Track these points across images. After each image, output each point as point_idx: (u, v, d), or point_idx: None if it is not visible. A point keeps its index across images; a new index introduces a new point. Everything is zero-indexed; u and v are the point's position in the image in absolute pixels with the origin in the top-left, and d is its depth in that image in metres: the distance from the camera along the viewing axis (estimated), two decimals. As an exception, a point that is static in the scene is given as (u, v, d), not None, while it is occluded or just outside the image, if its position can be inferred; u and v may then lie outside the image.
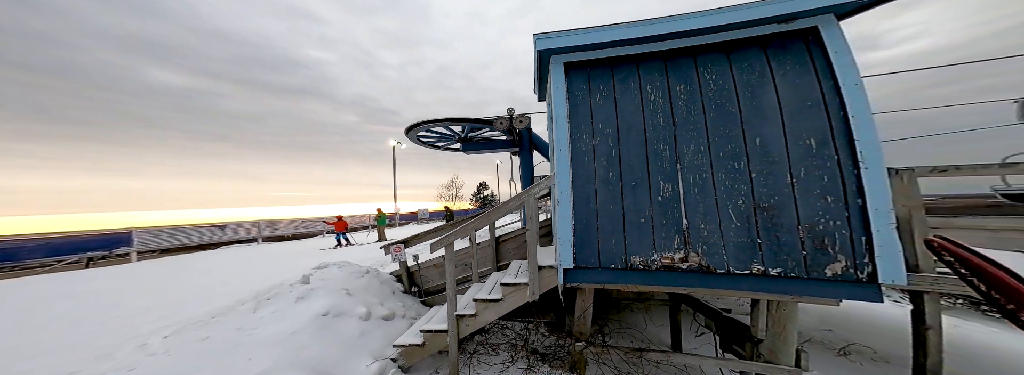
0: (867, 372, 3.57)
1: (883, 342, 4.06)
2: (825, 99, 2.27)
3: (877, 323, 4.68)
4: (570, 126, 2.85)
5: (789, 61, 2.41)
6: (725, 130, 2.45)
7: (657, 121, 2.64)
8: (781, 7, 2.30)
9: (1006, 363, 3.63)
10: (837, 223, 2.05)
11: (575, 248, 2.62)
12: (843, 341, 4.21)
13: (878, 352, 3.93)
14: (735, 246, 2.28)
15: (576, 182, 2.75)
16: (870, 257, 1.96)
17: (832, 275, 2.02)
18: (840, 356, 3.88)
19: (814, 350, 3.95)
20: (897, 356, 3.58)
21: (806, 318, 4.93)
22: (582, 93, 2.88)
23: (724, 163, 2.41)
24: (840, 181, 2.11)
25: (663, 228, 2.47)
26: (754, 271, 2.22)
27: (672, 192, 2.52)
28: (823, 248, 2.05)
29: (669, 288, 2.45)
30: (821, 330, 4.59)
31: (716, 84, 2.54)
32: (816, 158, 2.21)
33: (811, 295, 2.08)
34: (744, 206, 2.31)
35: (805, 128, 2.28)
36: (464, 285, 4.14)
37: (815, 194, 2.15)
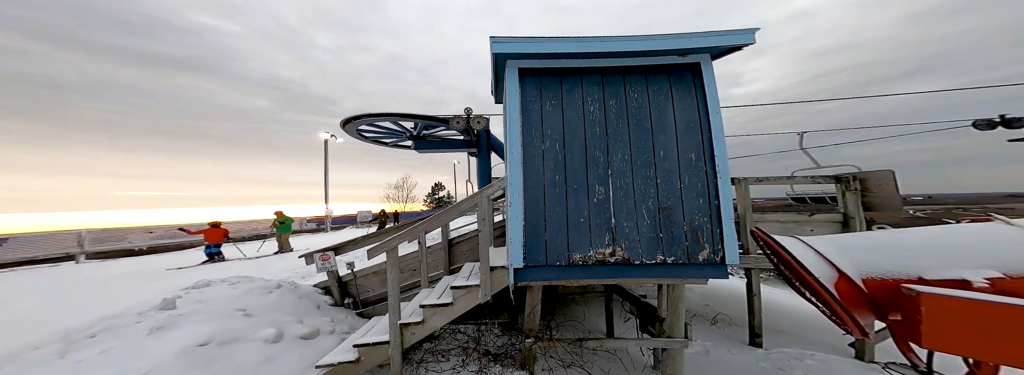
0: (728, 334, 4.68)
1: (736, 310, 5.18)
2: (701, 121, 2.91)
3: (733, 296, 5.96)
4: (523, 130, 2.97)
5: (683, 88, 3.01)
6: (642, 142, 2.92)
7: (595, 130, 2.96)
8: (680, 42, 2.84)
9: (793, 316, 5.14)
10: (705, 219, 2.73)
11: (525, 248, 2.77)
12: (714, 312, 5.34)
13: (733, 318, 5.08)
14: (647, 240, 2.78)
15: (527, 184, 2.89)
16: (722, 245, 2.69)
17: (702, 260, 2.70)
18: (712, 325, 4.99)
19: (696, 322, 4.89)
20: (743, 320, 4.64)
21: (692, 296, 6.14)
22: (534, 99, 3.02)
23: (641, 170, 2.88)
24: (706, 187, 2.79)
25: (597, 227, 2.82)
26: (659, 260, 2.76)
27: (605, 195, 2.88)
28: (697, 240, 2.69)
29: (602, 280, 2.87)
30: (702, 306, 5.77)
31: (637, 102, 2.99)
32: (695, 168, 2.84)
33: (692, 277, 2.76)
34: (653, 207, 2.82)
35: (689, 144, 2.89)
36: (412, 292, 3.98)
37: (693, 197, 2.80)
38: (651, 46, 2.79)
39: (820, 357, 3.95)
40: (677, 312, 3.07)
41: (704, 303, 5.78)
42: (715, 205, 2.71)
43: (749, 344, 4.34)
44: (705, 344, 4.25)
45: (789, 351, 4.11)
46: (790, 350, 4.13)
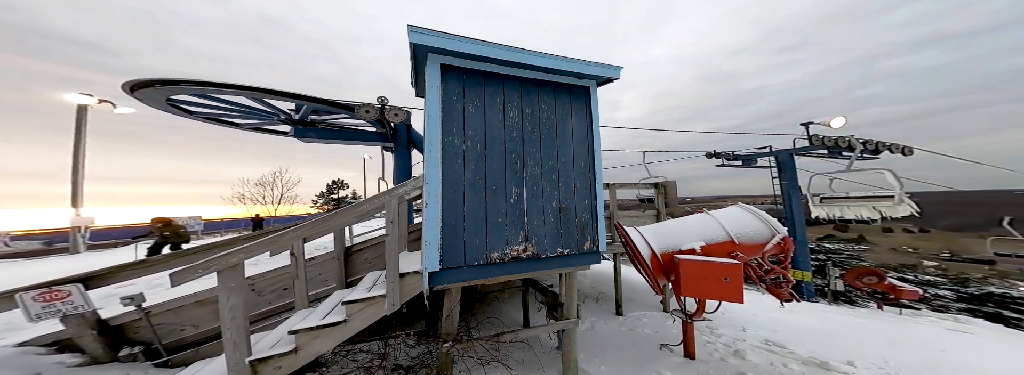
0: (604, 308, 5.63)
1: (610, 288, 6.21)
2: (589, 136, 3.57)
3: (609, 277, 6.70)
4: (443, 128, 2.88)
5: (579, 106, 3.50)
6: (550, 150, 3.27)
7: (513, 135, 3.12)
8: (577, 67, 3.31)
9: (638, 287, 6.66)
10: (589, 217, 3.48)
11: (442, 250, 2.76)
12: (598, 292, 6.25)
13: (608, 295, 6.08)
14: (551, 236, 3.21)
15: (446, 185, 2.84)
16: (597, 236, 3.50)
17: (586, 250, 3.45)
18: (596, 303, 5.86)
19: (587, 303, 5.62)
20: (614, 295, 5.74)
21: (585, 281, 6.95)
22: (457, 98, 2.96)
23: (548, 175, 3.24)
24: (590, 190, 3.51)
25: (513, 226, 3.03)
26: (559, 253, 3.26)
27: (520, 196, 3.09)
28: (583, 233, 3.44)
29: (518, 275, 3.13)
30: (591, 288, 6.59)
31: (548, 113, 3.31)
32: (583, 174, 3.48)
33: (581, 264, 3.49)
34: (556, 206, 3.26)
35: (581, 154, 3.48)
36: (285, 315, 3.20)
37: (582, 198, 3.47)
38: (560, 65, 3.21)
39: (649, 314, 5.39)
40: (571, 297, 3.75)
41: (592, 286, 6.56)
42: (594, 205, 3.50)
43: (616, 314, 5.46)
44: (591, 320, 4.87)
45: (636, 314, 5.39)
46: (637, 313, 5.42)
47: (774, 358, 4.01)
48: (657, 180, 5.98)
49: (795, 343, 4.46)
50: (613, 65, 3.48)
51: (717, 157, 9.94)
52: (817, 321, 5.87)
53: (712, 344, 4.34)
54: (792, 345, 4.39)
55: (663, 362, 3.85)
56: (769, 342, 4.45)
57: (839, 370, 3.76)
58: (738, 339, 4.54)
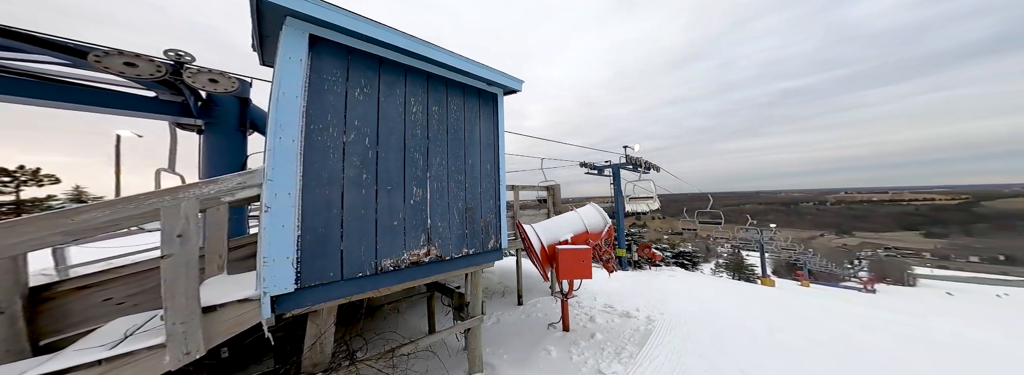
0: (509, 301, 5.56)
1: (515, 282, 6.05)
2: (495, 140, 3.46)
3: (512, 272, 6.54)
4: (309, 113, 2.07)
5: (488, 111, 3.33)
6: (457, 150, 2.95)
7: (416, 132, 2.64)
8: (490, 74, 3.15)
9: (535, 278, 6.73)
10: (493, 216, 3.36)
11: (300, 265, 1.99)
12: (504, 287, 6.10)
13: (511, 288, 5.97)
14: (457, 237, 2.91)
15: (311, 182, 2.07)
16: (500, 234, 3.42)
17: (491, 248, 3.30)
18: (502, 297, 5.69)
19: (495, 298, 5.41)
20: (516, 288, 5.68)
21: (494, 277, 6.62)
22: (336, 80, 2.21)
23: (455, 175, 2.91)
24: (495, 191, 3.40)
25: (413, 229, 2.56)
26: (464, 253, 3.00)
27: (422, 197, 2.64)
28: (488, 233, 3.30)
29: (419, 280, 2.68)
30: (498, 284, 6.36)
31: (456, 114, 2.97)
32: (490, 177, 3.34)
33: (487, 262, 3.30)
34: (462, 207, 2.98)
35: (488, 157, 3.34)
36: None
37: (488, 199, 3.32)
38: (472, 69, 2.94)
39: (542, 300, 5.72)
40: (477, 295, 3.42)
41: (499, 282, 6.36)
42: (499, 205, 3.39)
43: (518, 304, 5.52)
44: (497, 314, 4.75)
45: (533, 301, 5.58)
46: (533, 300, 5.61)
47: (608, 317, 5.08)
48: (550, 184, 6.59)
49: (616, 302, 5.74)
50: (517, 78, 3.46)
51: (585, 166, 12.14)
52: (620, 285, 7.60)
53: (578, 315, 5.00)
54: (615, 304, 5.69)
55: (549, 339, 4.15)
56: (606, 305, 5.52)
57: (633, 315, 5.07)
58: (592, 307, 5.39)
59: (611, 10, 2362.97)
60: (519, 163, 11.93)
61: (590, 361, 3.76)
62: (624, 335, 4.48)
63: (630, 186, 11.76)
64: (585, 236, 4.60)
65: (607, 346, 4.17)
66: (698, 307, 5.83)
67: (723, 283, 9.91)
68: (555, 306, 5.34)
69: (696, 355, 3.85)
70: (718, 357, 3.86)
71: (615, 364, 3.74)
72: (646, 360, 3.78)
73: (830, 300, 9.32)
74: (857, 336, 5.27)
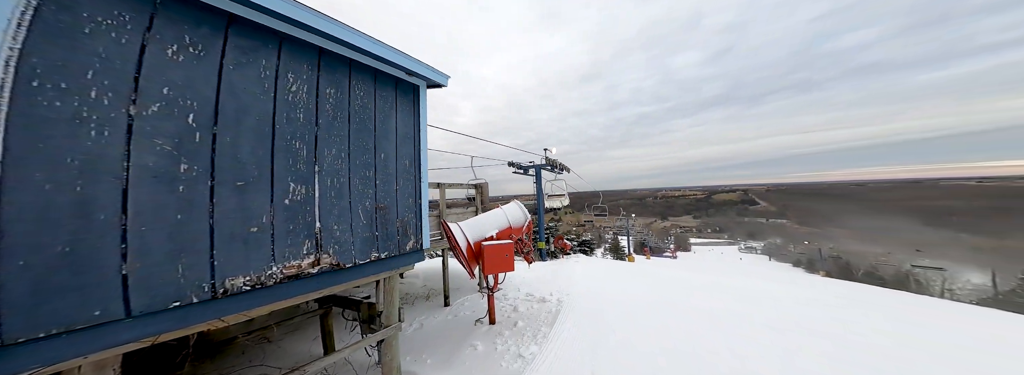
0: (435, 304, 4.85)
1: (441, 284, 5.24)
2: (416, 135, 2.93)
3: (438, 274, 5.75)
4: (27, 57, 1.14)
5: (406, 102, 2.78)
6: (365, 142, 2.32)
7: (297, 116, 1.89)
8: (407, 62, 2.62)
9: (464, 276, 6.02)
10: (413, 216, 2.80)
11: None
12: (428, 291, 5.27)
13: (437, 290, 5.20)
14: (363, 241, 2.27)
15: (28, 175, 1.18)
16: (421, 234, 2.89)
17: (409, 249, 2.73)
18: (426, 301, 4.93)
19: (418, 303, 4.63)
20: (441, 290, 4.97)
21: (417, 282, 5.78)
22: (117, 23, 1.30)
23: (360, 171, 2.28)
24: (416, 189, 2.86)
25: (290, 235, 1.83)
26: (374, 258, 2.36)
27: (307, 195, 1.95)
28: (407, 233, 2.72)
29: (298, 298, 1.95)
30: (422, 288, 5.52)
31: (363, 102, 2.33)
32: (408, 173, 2.79)
33: (404, 265, 2.69)
34: (371, 207, 2.36)
35: (406, 152, 2.77)
36: None
37: (406, 197, 2.74)
38: (382, 53, 2.30)
39: (470, 297, 5.21)
40: (392, 301, 2.69)
41: (424, 285, 5.71)
42: (419, 204, 2.86)
43: (445, 306, 4.92)
44: (421, 319, 4.18)
45: (461, 300, 4.94)
46: (461, 299, 4.98)
47: (528, 304, 5.07)
48: (479, 182, 6.17)
49: (535, 290, 5.79)
50: (442, 72, 3.00)
51: (512, 166, 12.07)
52: (539, 274, 7.71)
53: (503, 307, 4.79)
54: (535, 292, 5.73)
55: (476, 334, 3.81)
56: (528, 294, 5.49)
57: (548, 299, 5.19)
58: (516, 297, 5.27)
59: (538, 23, 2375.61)
60: (448, 160, 11.06)
61: (512, 348, 3.62)
62: (540, 318, 4.54)
63: (548, 185, 12.35)
64: (508, 231, 4.48)
65: (527, 331, 4.13)
66: (592, 285, 6.38)
67: (608, 263, 11.40)
68: (483, 302, 5.04)
69: (589, 322, 4.16)
70: (599, 319, 4.28)
71: (532, 346, 3.70)
72: (556, 336, 3.89)
73: (658, 267, 11.97)
74: (669, 288, 6.73)
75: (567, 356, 3.40)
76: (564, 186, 12.26)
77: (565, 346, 3.64)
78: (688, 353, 3.32)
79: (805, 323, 4.26)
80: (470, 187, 5.99)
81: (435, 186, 4.50)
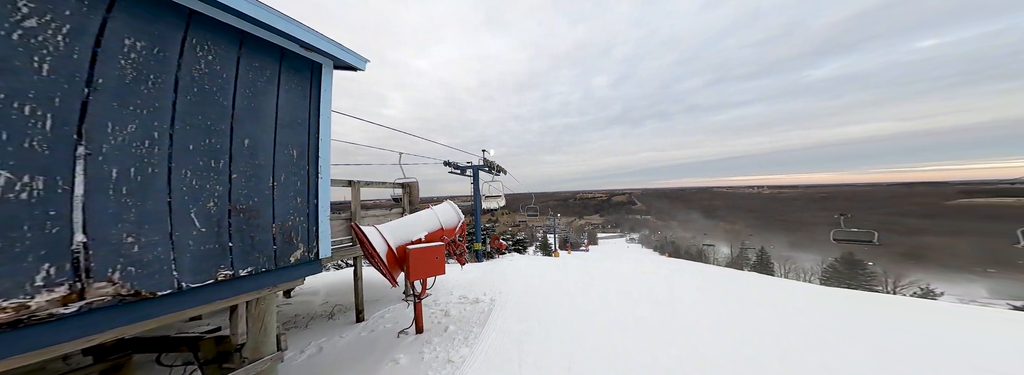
0: (342, 321, 3.80)
1: (350, 297, 4.18)
2: (310, 121, 2.23)
3: (347, 287, 4.83)
4: None
5: (297, 81, 2.10)
6: (205, 121, 1.55)
7: (34, 63, 1.07)
8: (304, 35, 2.00)
9: (385, 285, 5.01)
10: (301, 219, 2.09)
11: None
12: (332, 307, 4.24)
13: (347, 306, 4.21)
14: (198, 255, 1.49)
15: None
16: (317, 241, 2.19)
17: (295, 261, 2.01)
18: (330, 319, 3.88)
19: (317, 323, 3.67)
20: (352, 303, 3.91)
21: (315, 299, 4.65)
22: None
23: (195, 159, 1.50)
24: (307, 186, 2.15)
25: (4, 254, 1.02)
26: (222, 277, 1.59)
27: (48, 190, 1.13)
28: (291, 241, 2.01)
29: (42, 353, 1.06)
30: (322, 305, 4.40)
31: (211, 66, 1.58)
32: (296, 166, 2.07)
33: (284, 281, 1.95)
34: (217, 208, 1.59)
35: (292, 140, 2.06)
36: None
37: (292, 197, 2.03)
38: (255, 13, 1.65)
39: (393, 308, 4.38)
40: (265, 327, 1.79)
41: (325, 302, 4.61)
42: (314, 204, 2.16)
43: (356, 321, 4.02)
44: (319, 342, 3.29)
45: (379, 312, 4.13)
46: (380, 312, 4.18)
47: (461, 307, 4.63)
48: (408, 180, 5.24)
49: (469, 292, 5.39)
50: (358, 54, 2.41)
51: (448, 165, 10.91)
52: (474, 275, 7.26)
53: (433, 313, 4.21)
54: (468, 294, 5.32)
55: (399, 347, 3.17)
56: (461, 296, 5.01)
57: (481, 300, 4.87)
58: (448, 302, 4.73)
59: (484, 24, 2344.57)
60: (372, 156, 9.10)
61: (441, 354, 3.17)
62: (472, 319, 4.18)
63: (486, 186, 11.74)
64: (440, 233, 3.98)
65: (458, 334, 3.70)
66: (523, 281, 6.34)
67: (538, 260, 11.71)
68: (408, 311, 4.34)
69: (517, 318, 4.06)
70: (528, 312, 4.25)
71: (463, 348, 3.32)
72: (486, 335, 3.63)
73: (576, 260, 13.22)
74: (582, 275, 7.39)
75: (497, 353, 3.17)
76: (501, 187, 12.19)
77: (495, 343, 3.41)
78: (594, 326, 3.64)
79: (648, 289, 5.57)
80: (396, 186, 5.10)
81: (346, 184, 3.58)
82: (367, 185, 3.96)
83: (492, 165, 11.90)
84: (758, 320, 4.11)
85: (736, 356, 2.87)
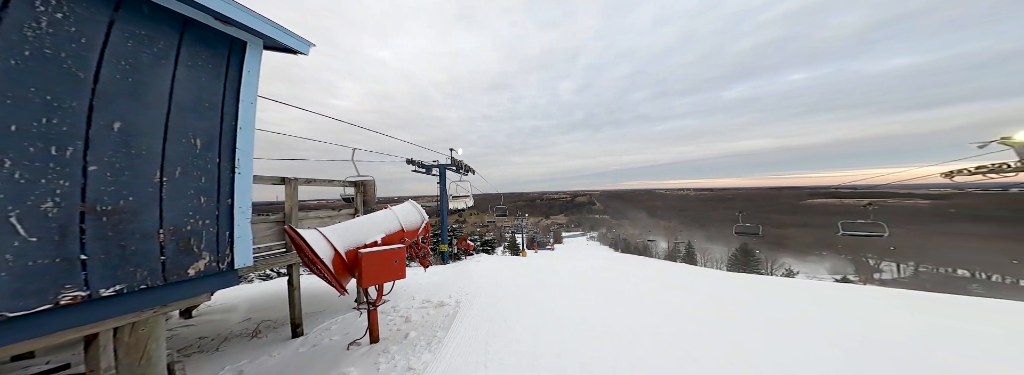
0: (272, 339, 3.18)
1: (282, 310, 3.65)
2: (223, 106, 1.83)
3: (277, 299, 4.17)
4: None
5: (205, 57, 1.70)
6: (42, 95, 1.14)
7: None
8: (218, 5, 1.63)
9: (330, 294, 4.45)
10: (206, 223, 1.67)
11: None
12: (256, 324, 3.53)
13: (276, 320, 3.56)
14: (17, 274, 1.07)
15: None
16: (231, 249, 1.78)
17: (195, 273, 1.60)
18: (253, 338, 3.20)
19: (234, 344, 3.03)
20: (286, 317, 3.31)
21: (233, 317, 3.86)
22: None
23: (20, 145, 1.09)
24: (217, 183, 1.74)
25: None
26: (66, 301, 1.17)
27: None
28: (188, 249, 1.60)
29: None
30: (243, 323, 3.65)
31: (59, 26, 1.15)
32: (199, 158, 1.66)
33: (176, 299, 1.53)
34: (58, 212, 1.17)
35: (196, 127, 1.66)
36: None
37: (190, 196, 1.61)
38: None
39: (341, 318, 3.79)
40: (149, 358, 1.46)
41: (246, 319, 3.79)
42: (228, 205, 1.76)
43: (292, 337, 3.33)
44: (237, 366, 2.68)
45: (324, 325, 3.55)
46: (325, 324, 3.57)
47: (424, 311, 4.28)
48: (362, 179, 4.54)
49: (434, 295, 4.99)
50: (298, 36, 2.06)
51: (412, 163, 9.95)
52: (440, 277, 6.85)
53: (392, 320, 3.76)
54: (432, 297, 4.94)
55: (349, 360, 2.76)
56: (425, 300, 4.62)
57: (446, 302, 4.55)
58: (409, 307, 4.31)
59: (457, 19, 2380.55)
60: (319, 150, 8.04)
61: (401, 363, 2.86)
62: (436, 323, 3.89)
63: (453, 186, 11.07)
64: (400, 235, 3.62)
65: (420, 340, 3.39)
66: (490, 281, 6.14)
67: (506, 260, 11.29)
68: (360, 320, 3.86)
69: (485, 318, 3.91)
70: (496, 313, 4.09)
71: (425, 354, 3.04)
72: (451, 339, 3.39)
73: (541, 259, 13.06)
74: (547, 274, 7.46)
75: (462, 356, 2.97)
76: (469, 187, 11.66)
77: (461, 347, 3.19)
78: (560, 318, 3.66)
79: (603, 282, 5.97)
80: (348, 185, 4.44)
81: (278, 181, 3.03)
82: (309, 183, 3.37)
83: (460, 164, 11.23)
84: (686, 302, 4.69)
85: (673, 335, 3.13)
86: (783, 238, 51.65)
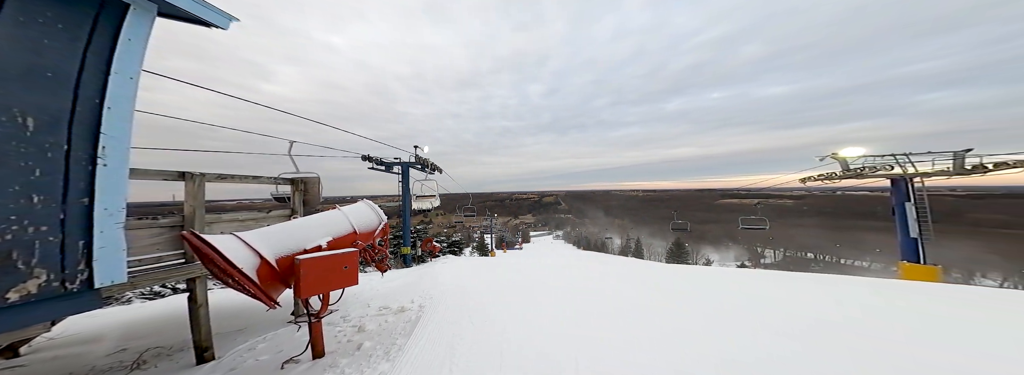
0: (166, 369, 2.46)
1: (178, 334, 2.94)
2: (81, 77, 1.36)
3: (178, 318, 3.16)
4: None
5: (54, 13, 1.26)
6: None
7: None
8: None
9: (248, 309, 3.64)
10: (43, 230, 1.22)
11: None
12: (139, 354, 2.68)
13: (171, 346, 2.83)
14: None
15: None
16: (87, 263, 1.31)
17: (20, 297, 1.14)
18: (135, 370, 2.46)
19: None
20: (186, 341, 2.68)
21: (92, 349, 2.81)
22: None
23: None
24: (63, 177, 1.28)
25: None
26: None
27: None
28: (10, 265, 1.21)
29: None
30: (115, 353, 2.74)
31: None
32: (28, 144, 1.20)
33: None
34: None
35: (24, 102, 1.20)
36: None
37: (11, 192, 1.16)
38: None
39: (273, 334, 3.16)
40: None
41: (118, 349, 2.81)
42: (83, 206, 1.29)
43: (198, 364, 2.61)
44: None
45: (247, 344, 2.90)
46: (248, 343, 2.94)
47: (382, 319, 3.80)
48: (302, 176, 3.82)
49: (393, 301, 4.44)
50: (213, 6, 1.66)
51: (368, 160, 8.74)
52: (400, 282, 6.13)
53: (342, 331, 3.25)
54: (392, 303, 4.45)
55: None
56: (382, 307, 4.08)
57: (408, 307, 4.11)
58: (363, 315, 3.76)
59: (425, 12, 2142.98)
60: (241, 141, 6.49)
61: None
62: (396, 330, 3.49)
63: (418, 185, 10.08)
64: (352, 237, 3.15)
65: (376, 350, 2.97)
66: (457, 283, 5.72)
67: (474, 261, 10.65)
68: (298, 335, 3.30)
69: (450, 321, 3.71)
70: (461, 314, 3.83)
71: (383, 364, 2.68)
72: (413, 345, 3.09)
73: (510, 258, 12.79)
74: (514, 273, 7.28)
75: (425, 361, 2.70)
76: (436, 187, 10.84)
77: (423, 352, 2.89)
78: (527, 315, 3.52)
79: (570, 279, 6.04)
80: (284, 182, 3.75)
81: (176, 177, 2.37)
82: (223, 179, 2.66)
83: (426, 163, 10.33)
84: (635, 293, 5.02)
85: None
86: (704, 233, 60.41)
